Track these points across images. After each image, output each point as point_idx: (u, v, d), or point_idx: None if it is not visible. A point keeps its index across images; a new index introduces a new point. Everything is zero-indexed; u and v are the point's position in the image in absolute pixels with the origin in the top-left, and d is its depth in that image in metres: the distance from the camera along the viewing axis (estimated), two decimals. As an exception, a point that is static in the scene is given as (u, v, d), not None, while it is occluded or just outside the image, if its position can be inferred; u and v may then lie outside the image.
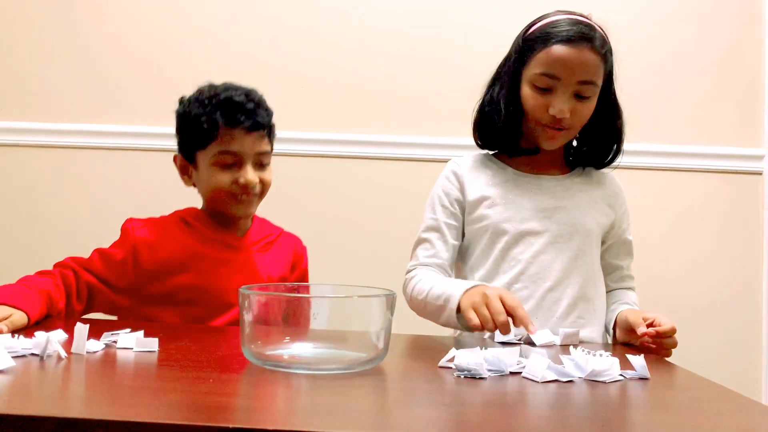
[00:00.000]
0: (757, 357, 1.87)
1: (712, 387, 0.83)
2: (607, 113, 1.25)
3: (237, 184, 1.21)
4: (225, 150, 1.20)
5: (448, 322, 1.11)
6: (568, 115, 1.17)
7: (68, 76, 1.92)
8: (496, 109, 1.24)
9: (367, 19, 1.91)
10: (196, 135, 1.21)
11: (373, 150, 1.89)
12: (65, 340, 0.88)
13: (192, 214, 1.28)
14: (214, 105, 1.20)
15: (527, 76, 1.20)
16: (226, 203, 1.23)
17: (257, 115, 1.21)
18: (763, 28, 1.91)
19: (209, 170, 1.22)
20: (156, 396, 0.67)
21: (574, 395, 0.75)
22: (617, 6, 1.86)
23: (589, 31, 1.16)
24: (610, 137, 1.27)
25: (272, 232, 1.34)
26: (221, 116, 1.19)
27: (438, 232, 1.25)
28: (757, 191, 1.90)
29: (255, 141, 1.22)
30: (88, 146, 1.91)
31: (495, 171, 1.28)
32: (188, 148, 1.25)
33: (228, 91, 1.22)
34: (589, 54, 1.16)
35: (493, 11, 1.90)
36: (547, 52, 1.16)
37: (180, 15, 1.92)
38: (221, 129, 1.19)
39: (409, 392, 0.76)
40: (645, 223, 1.38)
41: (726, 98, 1.91)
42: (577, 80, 1.16)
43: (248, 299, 0.80)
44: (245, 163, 1.21)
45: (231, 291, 1.18)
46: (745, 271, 1.89)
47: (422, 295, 1.16)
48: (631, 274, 1.34)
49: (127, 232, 1.21)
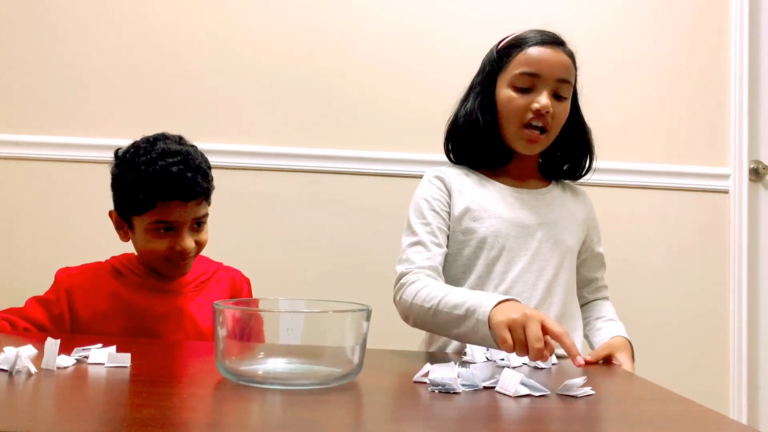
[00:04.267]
0: (723, 371, 1.91)
1: (680, 401, 0.84)
2: (576, 127, 1.29)
3: (173, 250, 1.19)
4: (161, 220, 1.18)
5: (470, 334, 1.03)
6: (552, 110, 1.19)
7: (24, 87, 1.90)
8: (473, 120, 1.25)
9: (345, 33, 1.92)
10: (131, 202, 1.18)
11: (350, 165, 1.89)
12: (35, 355, 0.87)
13: (125, 261, 1.27)
14: (151, 176, 1.15)
15: (506, 80, 1.22)
16: (162, 266, 1.23)
17: (196, 185, 1.17)
18: (728, 53, 1.97)
19: (144, 235, 1.20)
20: (128, 412, 0.66)
21: (545, 410, 0.76)
22: (586, 27, 1.90)
23: (560, 38, 1.24)
24: (582, 150, 1.31)
25: (208, 270, 1.32)
26: (157, 190, 1.15)
27: (432, 235, 1.21)
28: (723, 209, 1.95)
29: (192, 208, 1.19)
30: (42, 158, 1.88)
31: (478, 183, 1.27)
32: (123, 209, 1.22)
33: (164, 158, 1.16)
34: (564, 55, 1.22)
35: (468, 29, 1.93)
36: (525, 53, 1.21)
37: (157, 28, 1.91)
38: (157, 201, 1.16)
39: (384, 407, 0.76)
40: (614, 239, 1.40)
41: (694, 119, 1.96)
42: (556, 77, 1.20)
43: (222, 314, 0.80)
44: (182, 229, 1.19)
45: (163, 336, 1.20)
46: (712, 287, 1.93)
47: (430, 303, 1.09)
48: (605, 284, 1.37)
49: (60, 281, 1.22)
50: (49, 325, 1.20)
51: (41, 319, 1.20)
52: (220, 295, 1.31)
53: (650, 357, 1.52)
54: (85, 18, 1.90)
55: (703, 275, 1.93)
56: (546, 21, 1.29)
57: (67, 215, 1.86)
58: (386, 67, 1.92)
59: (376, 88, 1.91)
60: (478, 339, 1.02)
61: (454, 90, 1.35)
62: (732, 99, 1.96)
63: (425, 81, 1.91)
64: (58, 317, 1.20)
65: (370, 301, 0.95)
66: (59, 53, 1.89)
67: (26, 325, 1.19)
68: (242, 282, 1.37)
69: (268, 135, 1.89)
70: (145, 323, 1.21)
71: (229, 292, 1.33)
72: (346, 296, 1.02)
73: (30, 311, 1.20)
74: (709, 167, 1.95)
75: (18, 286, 1.45)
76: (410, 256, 1.19)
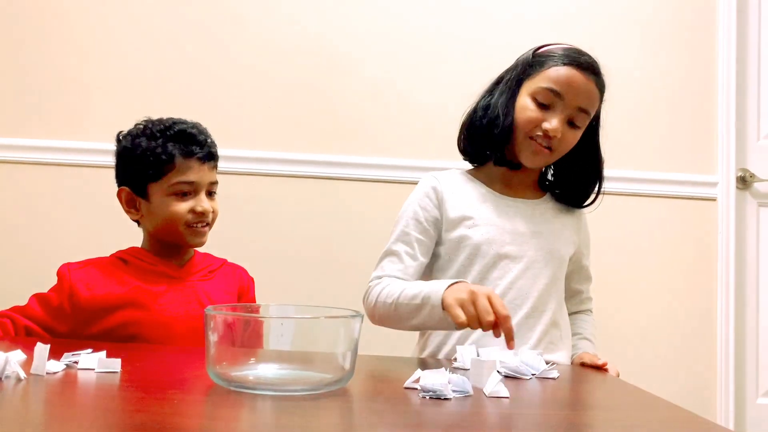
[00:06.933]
0: (711, 378, 1.92)
1: (668, 407, 0.85)
2: (591, 155, 1.28)
3: (194, 212, 1.23)
4: (182, 180, 1.22)
5: (428, 320, 1.09)
6: (560, 135, 1.18)
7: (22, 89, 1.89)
8: (493, 115, 1.24)
9: (345, 40, 1.93)
10: (149, 167, 1.21)
11: (349, 171, 1.89)
12: (24, 360, 0.86)
13: (130, 252, 1.27)
14: (168, 137, 1.22)
15: (530, 88, 1.21)
16: (182, 234, 1.24)
17: (210, 146, 1.26)
18: (716, 63, 1.99)
19: (165, 201, 1.22)
20: (119, 418, 0.66)
21: (533, 416, 0.76)
22: (576, 39, 1.92)
23: (597, 67, 1.22)
24: (592, 179, 1.29)
25: (214, 262, 1.34)
26: (177, 147, 1.22)
27: (408, 246, 1.22)
28: (711, 217, 1.97)
29: (208, 171, 1.25)
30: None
31: (475, 190, 1.27)
32: (138, 181, 1.24)
33: (177, 124, 1.25)
34: (593, 86, 1.20)
35: (465, 38, 1.94)
36: (558, 69, 1.19)
37: (153, 32, 1.91)
38: (177, 160, 1.21)
39: (375, 413, 0.76)
40: (604, 246, 1.42)
41: (682, 128, 1.99)
42: (576, 105, 1.19)
43: (214, 320, 0.80)
44: (200, 192, 1.24)
45: (175, 321, 1.19)
46: (699, 294, 1.95)
47: (391, 299, 1.14)
48: (590, 296, 1.38)
49: (63, 276, 1.21)
50: (50, 319, 1.18)
51: (43, 318, 1.18)
52: (229, 285, 1.32)
53: (638, 363, 1.54)
54: (81, 21, 1.90)
55: (690, 282, 1.95)
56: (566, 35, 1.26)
57: (58, 219, 1.85)
58: (388, 75, 1.93)
59: (376, 94, 1.92)
60: (435, 323, 1.09)
61: (455, 98, 1.35)
62: (719, 108, 1.99)
63: (427, 88, 1.92)
64: (57, 309, 1.18)
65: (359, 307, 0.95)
66: (51, 57, 1.88)
67: (27, 323, 1.17)
68: (249, 281, 1.38)
69: (266, 140, 1.89)
70: (153, 309, 1.19)
71: (237, 285, 1.34)
72: (341, 302, 1.02)
73: (32, 310, 1.19)
74: (696, 175, 1.97)
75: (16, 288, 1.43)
76: (383, 265, 1.24)
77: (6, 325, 1.16)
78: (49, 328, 1.18)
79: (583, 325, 1.34)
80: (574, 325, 1.32)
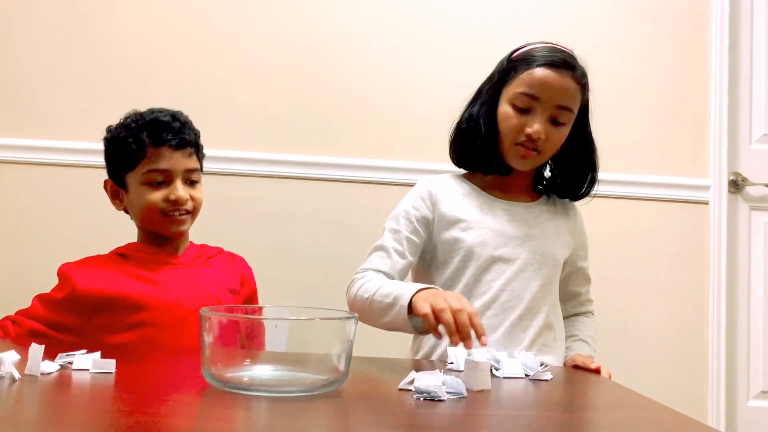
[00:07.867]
0: (702, 379, 1.94)
1: (659, 409, 0.86)
2: (583, 146, 1.28)
3: (168, 201, 1.23)
4: (153, 168, 1.22)
5: (395, 322, 1.10)
6: (543, 136, 1.19)
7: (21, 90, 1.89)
8: (475, 127, 1.25)
9: (334, 40, 1.93)
10: (124, 157, 1.23)
11: (340, 173, 1.90)
12: (18, 360, 0.86)
13: (127, 247, 1.28)
14: (140, 126, 1.23)
15: (507, 95, 1.22)
16: (159, 222, 1.24)
17: (183, 133, 1.24)
18: (709, 67, 2.00)
19: (139, 190, 1.23)
20: (114, 418, 0.66)
21: (526, 418, 0.77)
22: (570, 44, 1.93)
23: (572, 60, 1.21)
24: (585, 169, 1.29)
25: (211, 251, 1.35)
26: (147, 136, 1.22)
27: (398, 243, 1.23)
28: (704, 220, 1.98)
29: (182, 158, 1.24)
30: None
31: (469, 193, 1.28)
32: (117, 171, 1.26)
33: (153, 113, 1.25)
34: (570, 81, 1.19)
35: (458, 42, 1.95)
36: (530, 73, 1.19)
37: (145, 33, 1.91)
38: (148, 148, 1.22)
39: (370, 415, 0.76)
40: (596, 249, 1.42)
41: (675, 132, 2.00)
42: (555, 104, 1.19)
43: (209, 321, 0.80)
44: (174, 179, 1.24)
45: (181, 303, 1.20)
46: (691, 297, 1.96)
47: (368, 294, 1.14)
48: (590, 299, 1.39)
49: (64, 274, 1.21)
50: (55, 315, 1.18)
51: (48, 317, 1.18)
52: (230, 272, 1.33)
53: (630, 365, 1.54)
54: (79, 20, 1.89)
55: (682, 285, 1.96)
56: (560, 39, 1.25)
57: (56, 219, 1.84)
58: (380, 76, 1.93)
59: (368, 96, 1.92)
60: (400, 325, 1.09)
61: (446, 99, 1.35)
62: (712, 112, 2.00)
63: (419, 90, 1.92)
64: (61, 302, 1.18)
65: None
66: (49, 57, 1.88)
67: (32, 324, 1.17)
68: (249, 270, 1.39)
69: (255, 141, 1.89)
70: (157, 295, 1.20)
71: (239, 274, 1.35)
72: (335, 303, 1.02)
73: (35, 310, 1.19)
74: (689, 179, 1.98)
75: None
76: (371, 258, 1.24)
77: (6, 326, 1.16)
78: (54, 325, 1.18)
79: (580, 326, 1.34)
80: (571, 327, 1.33)
